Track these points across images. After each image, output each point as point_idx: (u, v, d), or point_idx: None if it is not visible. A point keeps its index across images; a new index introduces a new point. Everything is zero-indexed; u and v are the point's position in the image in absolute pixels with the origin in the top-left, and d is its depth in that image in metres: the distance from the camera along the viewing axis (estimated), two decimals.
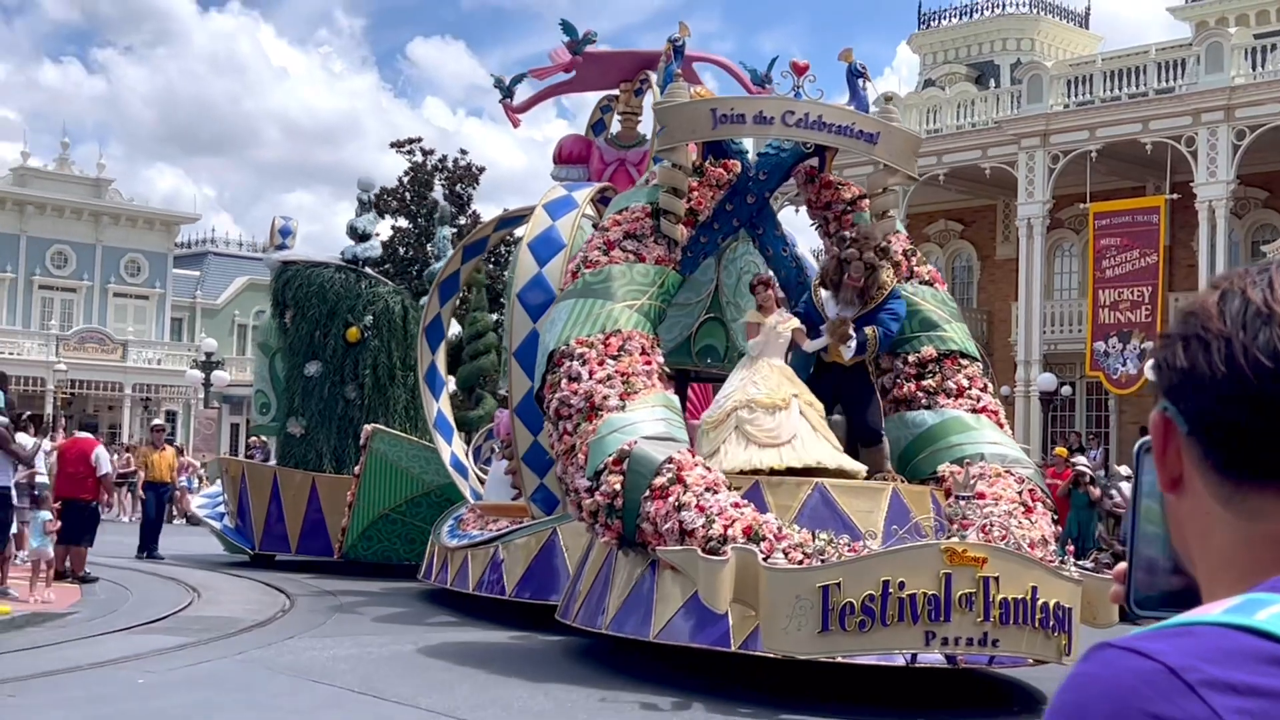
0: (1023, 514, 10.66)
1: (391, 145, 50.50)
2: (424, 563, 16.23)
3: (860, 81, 13.05)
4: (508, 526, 14.54)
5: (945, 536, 9.88)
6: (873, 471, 11.74)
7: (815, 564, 9.33)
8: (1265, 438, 1.05)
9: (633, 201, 12.51)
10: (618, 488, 10.37)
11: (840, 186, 13.12)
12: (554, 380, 11.28)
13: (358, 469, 17.88)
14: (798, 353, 11.93)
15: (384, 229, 44.71)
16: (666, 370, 11.70)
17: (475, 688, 10.08)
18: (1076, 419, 32.66)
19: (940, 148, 31.27)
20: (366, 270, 20.82)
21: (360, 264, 20.69)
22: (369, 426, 17.94)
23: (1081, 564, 12.10)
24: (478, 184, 50.02)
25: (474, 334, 26.16)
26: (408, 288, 28.02)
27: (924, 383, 11.98)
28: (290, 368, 19.81)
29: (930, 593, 9.00)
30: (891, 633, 9.03)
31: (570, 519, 12.22)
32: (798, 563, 9.42)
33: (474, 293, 28.14)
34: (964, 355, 12.23)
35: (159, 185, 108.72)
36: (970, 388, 12.02)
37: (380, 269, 30.63)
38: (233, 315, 56.02)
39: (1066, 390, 31.62)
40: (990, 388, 12.40)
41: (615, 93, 16.78)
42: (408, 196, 48.56)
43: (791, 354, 11.80)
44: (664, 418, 10.87)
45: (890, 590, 8.96)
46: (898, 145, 12.63)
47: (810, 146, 12.84)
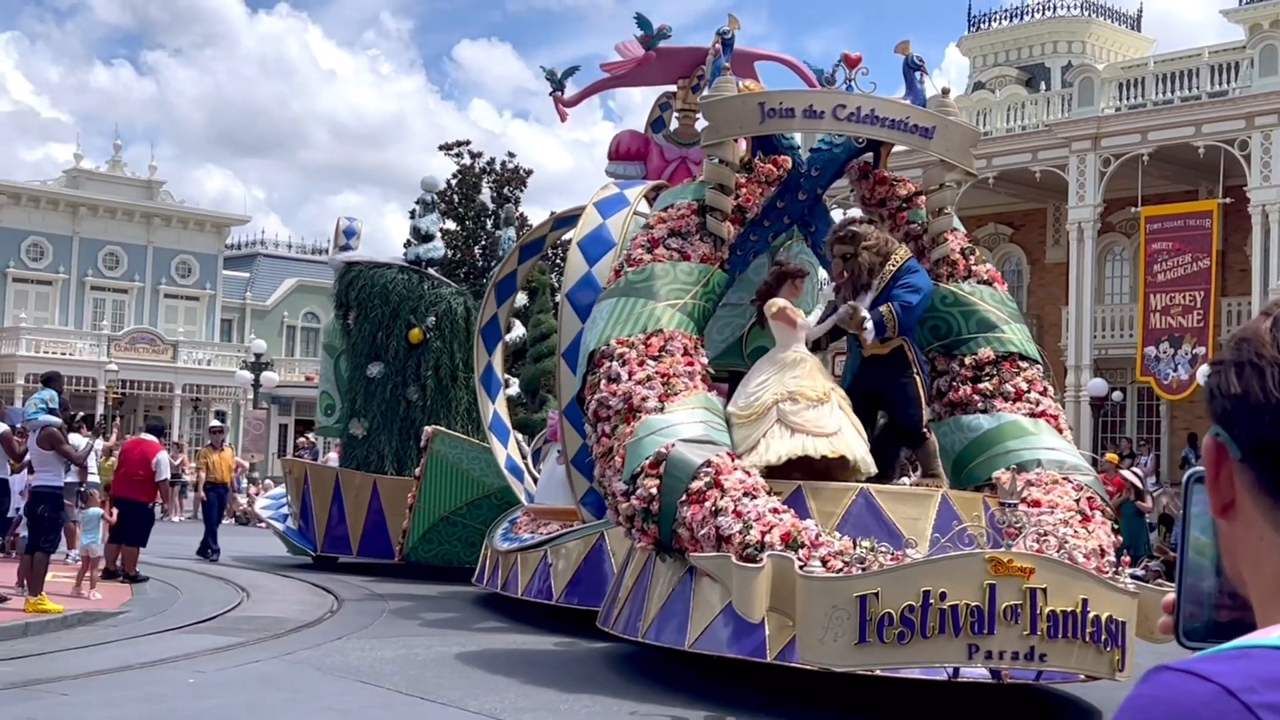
0: (1079, 523, 10.20)
1: (440, 148, 50.06)
2: (478, 566, 16.08)
3: (917, 75, 12.59)
4: (558, 530, 14.32)
5: (998, 546, 9.45)
6: (925, 473, 11.37)
7: (854, 572, 8.96)
8: None
9: (679, 198, 12.17)
10: (654, 491, 10.04)
11: (895, 183, 12.63)
12: (593, 381, 11.01)
13: (418, 471, 17.78)
14: (852, 352, 11.59)
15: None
16: (710, 371, 11.36)
17: (520, 693, 9.96)
18: (1127, 424, 32.11)
19: (990, 151, 30.69)
20: (429, 271, 20.75)
21: (423, 265, 20.62)
22: (429, 428, 17.82)
23: (1134, 571, 11.54)
24: (525, 186, 49.61)
25: (538, 335, 25.93)
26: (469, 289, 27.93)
27: (981, 385, 11.52)
28: (353, 369, 19.77)
29: (973, 604, 8.57)
30: (932, 645, 8.61)
31: None
32: (837, 571, 9.05)
33: (540, 295, 27.95)
34: (1023, 357, 11.73)
35: (208, 187, 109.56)
36: (1029, 391, 11.53)
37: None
38: (282, 316, 56.25)
39: (1117, 396, 31.06)
40: (1051, 391, 11.88)
41: (673, 89, 16.48)
42: (455, 199, 48.03)
43: (843, 357, 11.45)
44: (704, 420, 10.52)
45: (931, 601, 8.54)
46: (955, 140, 12.20)
47: (863, 141, 12.44)
